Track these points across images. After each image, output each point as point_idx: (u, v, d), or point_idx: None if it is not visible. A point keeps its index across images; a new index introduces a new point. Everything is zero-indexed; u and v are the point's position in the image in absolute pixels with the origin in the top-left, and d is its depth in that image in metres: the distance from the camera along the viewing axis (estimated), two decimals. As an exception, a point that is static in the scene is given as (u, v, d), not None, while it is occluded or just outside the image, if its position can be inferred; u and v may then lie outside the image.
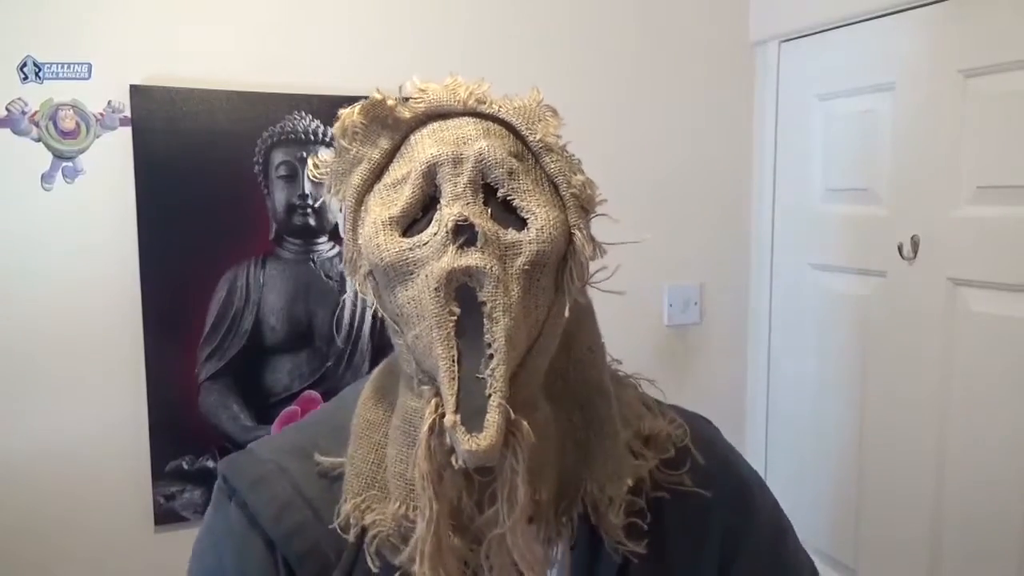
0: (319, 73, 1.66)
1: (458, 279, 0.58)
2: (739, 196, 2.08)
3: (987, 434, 1.49)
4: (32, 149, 1.48)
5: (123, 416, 1.57)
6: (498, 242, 0.60)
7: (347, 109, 0.67)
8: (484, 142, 0.63)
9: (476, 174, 0.61)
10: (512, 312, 0.58)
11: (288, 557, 0.66)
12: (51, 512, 1.53)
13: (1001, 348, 1.45)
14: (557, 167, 0.64)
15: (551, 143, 0.65)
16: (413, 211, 0.63)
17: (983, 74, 1.47)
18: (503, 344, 0.57)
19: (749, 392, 2.11)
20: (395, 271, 0.61)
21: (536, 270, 0.61)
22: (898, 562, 1.69)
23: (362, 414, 0.71)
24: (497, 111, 0.65)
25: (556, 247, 0.62)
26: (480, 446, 0.54)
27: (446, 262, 0.58)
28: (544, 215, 0.62)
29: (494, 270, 0.58)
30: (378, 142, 0.66)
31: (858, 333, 1.77)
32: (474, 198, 0.61)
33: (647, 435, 0.72)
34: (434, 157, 0.62)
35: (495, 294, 0.58)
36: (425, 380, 0.62)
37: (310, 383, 1.68)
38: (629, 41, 1.92)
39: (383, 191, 0.65)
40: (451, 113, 0.66)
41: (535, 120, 0.65)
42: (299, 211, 1.65)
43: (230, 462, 0.73)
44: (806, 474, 1.92)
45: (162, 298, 1.56)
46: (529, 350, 0.62)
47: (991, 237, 1.46)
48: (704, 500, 0.73)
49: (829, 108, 1.84)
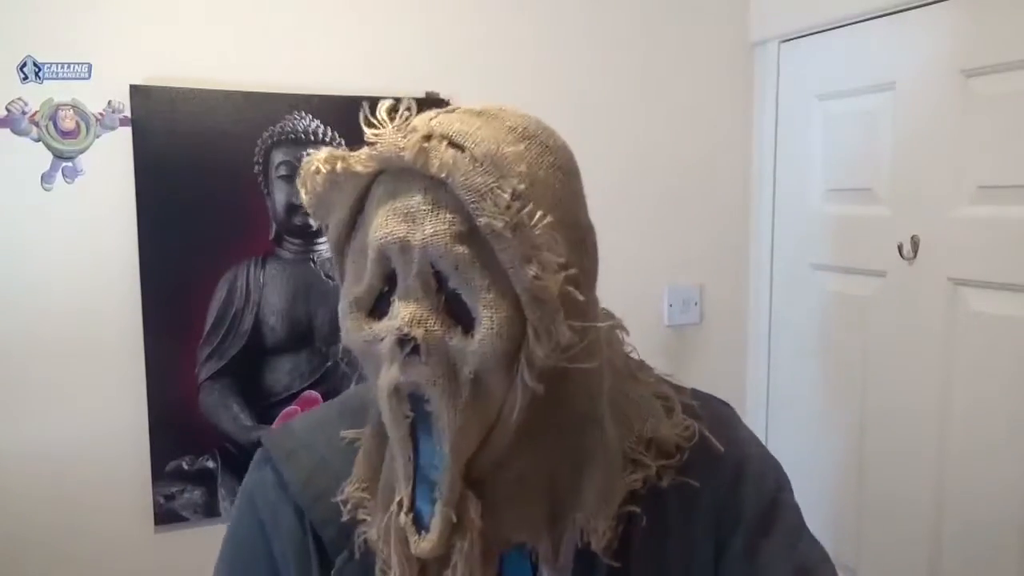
0: (319, 73, 1.65)
1: (406, 389, 0.59)
2: (739, 196, 2.08)
3: (987, 434, 1.49)
4: (32, 149, 1.47)
5: (123, 416, 1.57)
6: (445, 350, 0.58)
7: (307, 164, 0.63)
8: (429, 228, 0.56)
9: (424, 265, 0.57)
10: (459, 421, 0.59)
11: (314, 521, 0.70)
12: (51, 512, 1.53)
13: (1001, 348, 1.46)
14: (507, 256, 0.56)
15: (497, 228, 0.55)
16: (376, 290, 0.62)
17: (983, 74, 1.47)
18: (447, 453, 0.59)
19: (749, 392, 2.11)
20: (363, 358, 0.63)
21: (483, 376, 0.59)
22: (898, 562, 1.69)
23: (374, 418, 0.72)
24: (444, 179, 0.56)
25: (504, 350, 0.58)
26: (424, 548, 0.60)
27: (392, 375, 0.59)
28: (488, 320, 0.57)
29: (439, 383, 0.58)
30: (341, 199, 0.63)
31: (858, 333, 1.77)
32: (424, 293, 0.58)
33: (650, 438, 0.70)
34: (384, 241, 0.58)
35: (440, 408, 0.58)
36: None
37: (310, 383, 1.68)
38: (629, 41, 1.92)
39: (353, 254, 0.64)
40: (404, 168, 0.59)
41: (482, 195, 0.55)
42: (299, 211, 1.65)
43: (271, 435, 0.78)
44: (806, 474, 1.92)
45: (162, 298, 1.56)
46: (487, 437, 0.62)
47: (991, 237, 1.46)
48: (701, 480, 0.72)
49: (829, 108, 1.84)
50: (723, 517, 0.73)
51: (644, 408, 0.72)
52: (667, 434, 0.71)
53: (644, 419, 0.71)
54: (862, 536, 1.78)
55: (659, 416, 0.72)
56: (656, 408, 0.72)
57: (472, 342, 0.58)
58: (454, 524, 0.60)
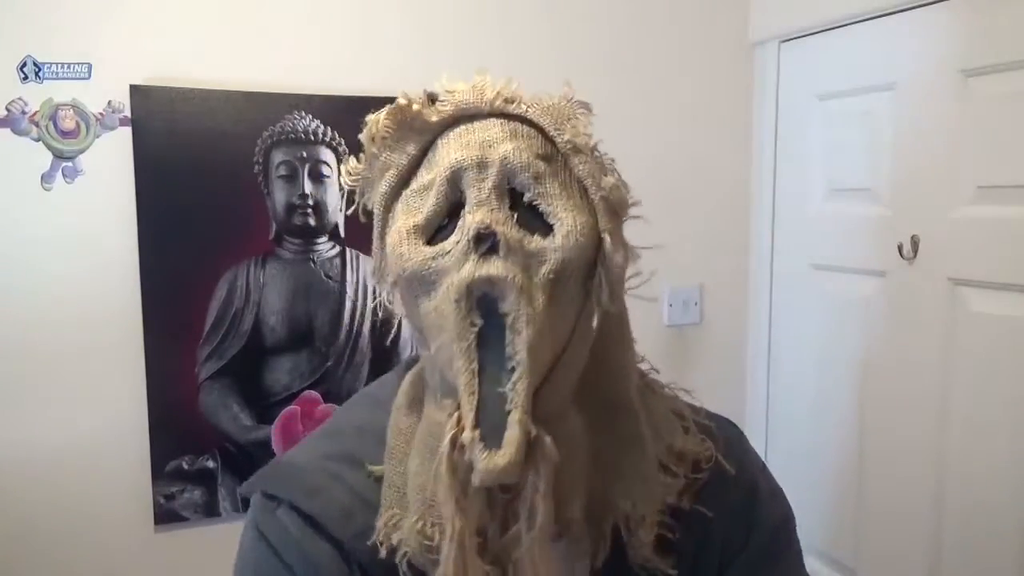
0: (319, 73, 1.66)
1: (479, 289, 0.56)
2: (739, 196, 2.08)
3: (987, 434, 1.49)
4: (32, 149, 1.47)
5: (123, 416, 1.57)
6: (522, 250, 0.58)
7: (374, 115, 0.65)
8: (510, 145, 0.61)
9: (501, 179, 0.60)
10: (536, 324, 0.56)
11: (360, 557, 0.65)
12: (51, 512, 1.53)
13: (1001, 348, 1.46)
14: (586, 169, 0.62)
15: (580, 144, 0.62)
16: (438, 218, 0.61)
17: (983, 74, 1.47)
18: (525, 357, 0.55)
19: (749, 392, 2.11)
20: (418, 281, 0.60)
21: (562, 279, 0.58)
22: (898, 562, 1.69)
23: (395, 423, 0.69)
24: (525, 111, 0.63)
25: (584, 254, 0.60)
26: (497, 464, 0.53)
27: (467, 272, 0.56)
28: (571, 220, 0.59)
29: (517, 279, 0.56)
30: (405, 147, 0.64)
31: (858, 333, 1.77)
32: (499, 204, 0.59)
33: (679, 451, 0.70)
34: (458, 162, 0.60)
35: (518, 305, 0.56)
36: (448, 393, 0.60)
37: (310, 383, 1.68)
38: (629, 41, 1.92)
39: (409, 198, 0.63)
40: (478, 115, 0.64)
41: (564, 120, 0.63)
42: (299, 211, 1.65)
43: (270, 477, 0.71)
44: (806, 474, 1.92)
45: (162, 298, 1.56)
46: (555, 363, 0.59)
47: (991, 237, 1.46)
48: (712, 504, 0.70)
49: (829, 108, 1.84)
50: (728, 543, 0.73)
51: (666, 422, 0.71)
52: (690, 450, 0.70)
53: (670, 431, 0.71)
54: (861, 536, 1.78)
55: (679, 432, 0.72)
56: (675, 424, 0.72)
57: (554, 240, 0.59)
58: (527, 451, 0.54)
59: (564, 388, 0.61)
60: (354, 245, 1.70)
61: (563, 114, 0.63)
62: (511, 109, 0.63)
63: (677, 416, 0.73)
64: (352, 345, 1.71)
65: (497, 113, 0.64)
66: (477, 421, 0.54)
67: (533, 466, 0.55)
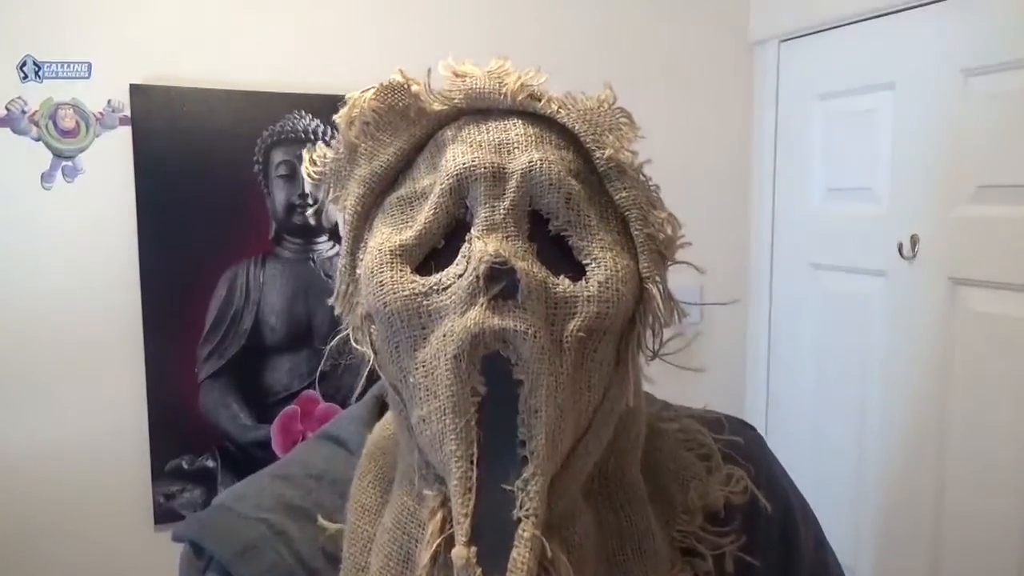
0: (319, 73, 1.65)
1: (488, 345, 0.43)
2: (739, 196, 2.08)
3: (987, 434, 1.48)
4: (32, 148, 1.47)
5: (123, 416, 1.57)
6: (546, 296, 0.44)
7: (358, 93, 0.52)
8: (535, 154, 0.47)
9: (522, 197, 0.47)
10: (559, 398, 0.43)
11: None
12: (51, 511, 1.53)
13: (1001, 348, 1.45)
14: (629, 196, 0.49)
15: (624, 162, 0.49)
16: (432, 239, 0.48)
17: (983, 74, 1.47)
18: (543, 445, 0.42)
19: (749, 392, 2.11)
20: (402, 321, 0.46)
21: (594, 337, 0.45)
22: (898, 562, 1.68)
23: (356, 495, 0.54)
24: (556, 112, 0.50)
25: (623, 307, 0.47)
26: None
27: (472, 320, 0.42)
28: (610, 262, 0.46)
29: (539, 337, 0.43)
30: (394, 140, 0.51)
31: (858, 333, 1.77)
32: (517, 230, 0.46)
33: (704, 505, 0.56)
34: (467, 168, 0.47)
35: (538, 371, 0.42)
36: (429, 478, 0.46)
37: (309, 383, 1.68)
38: (629, 41, 1.92)
39: (395, 206, 0.50)
40: (494, 109, 0.51)
41: (605, 130, 0.50)
42: (299, 210, 1.65)
43: (202, 525, 0.57)
44: (806, 474, 1.91)
45: (162, 297, 1.56)
46: (574, 447, 0.46)
47: (991, 237, 1.46)
48: (748, 537, 0.58)
49: (829, 108, 1.84)
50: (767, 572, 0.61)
51: (680, 469, 0.58)
52: (717, 496, 0.57)
53: (686, 484, 0.57)
54: (862, 536, 1.78)
55: (700, 474, 0.58)
56: (692, 465, 0.59)
57: (587, 286, 0.45)
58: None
59: (579, 479, 0.48)
60: (354, 245, 1.70)
61: (604, 123, 0.50)
62: (538, 108, 0.50)
63: (693, 448, 0.61)
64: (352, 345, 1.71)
65: (519, 110, 0.50)
66: (472, 532, 0.41)
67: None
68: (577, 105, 0.51)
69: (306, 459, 0.61)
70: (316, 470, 0.59)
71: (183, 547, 0.58)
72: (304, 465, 0.60)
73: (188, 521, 0.60)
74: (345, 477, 0.56)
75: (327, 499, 0.56)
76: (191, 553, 0.57)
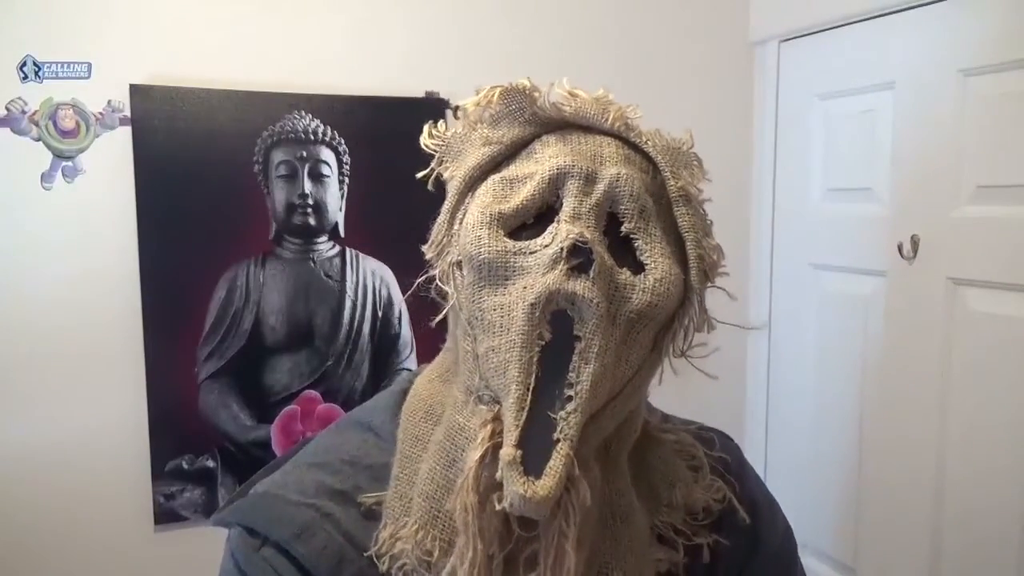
0: (319, 73, 1.66)
1: (559, 303, 0.52)
2: (739, 196, 2.08)
3: (987, 433, 1.48)
4: (32, 149, 1.48)
5: (123, 416, 1.57)
6: (611, 279, 0.55)
7: (488, 87, 0.63)
8: (623, 169, 0.58)
9: (605, 199, 0.57)
10: (605, 357, 0.52)
11: None
12: (51, 511, 1.54)
13: (1001, 348, 1.45)
14: (690, 222, 0.60)
15: (692, 194, 0.61)
16: (526, 213, 0.58)
17: (983, 74, 1.47)
18: (587, 389, 0.51)
19: (749, 392, 2.11)
20: (490, 271, 0.56)
21: (641, 321, 0.56)
22: (898, 562, 1.68)
23: (408, 428, 0.63)
24: (644, 142, 0.61)
25: (669, 305, 0.57)
26: (537, 493, 0.47)
27: (552, 280, 0.52)
28: (666, 266, 0.57)
29: (600, 306, 0.52)
30: (508, 132, 0.62)
31: (858, 333, 1.77)
32: (596, 223, 0.56)
33: (686, 504, 0.66)
34: (566, 166, 0.58)
35: (594, 332, 0.52)
36: (486, 398, 0.55)
37: (310, 383, 1.68)
38: (629, 41, 1.92)
39: (498, 183, 0.60)
40: (593, 128, 0.62)
41: (681, 165, 0.62)
42: (299, 210, 1.65)
43: (253, 509, 0.63)
44: (806, 474, 1.92)
45: (162, 298, 1.56)
46: (605, 405, 0.55)
47: (991, 237, 1.46)
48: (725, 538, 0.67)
49: (829, 108, 1.84)
50: (732, 563, 0.69)
51: (670, 472, 0.68)
52: (699, 497, 0.67)
53: (673, 485, 0.67)
54: (861, 536, 1.78)
55: (686, 479, 0.68)
56: (681, 471, 0.68)
57: (645, 280, 0.56)
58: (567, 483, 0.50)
59: (602, 434, 0.57)
60: (354, 245, 1.70)
61: (681, 159, 0.63)
62: (631, 136, 0.62)
63: (686, 458, 0.69)
64: (352, 344, 1.71)
65: (614, 134, 0.62)
66: (521, 440, 0.49)
67: (565, 510, 0.51)
68: (662, 140, 0.63)
69: (339, 446, 0.67)
70: (350, 456, 0.66)
71: (230, 532, 0.63)
72: (338, 452, 0.66)
73: (233, 508, 0.65)
74: (379, 462, 0.63)
75: (364, 483, 0.63)
76: (243, 533, 0.62)
